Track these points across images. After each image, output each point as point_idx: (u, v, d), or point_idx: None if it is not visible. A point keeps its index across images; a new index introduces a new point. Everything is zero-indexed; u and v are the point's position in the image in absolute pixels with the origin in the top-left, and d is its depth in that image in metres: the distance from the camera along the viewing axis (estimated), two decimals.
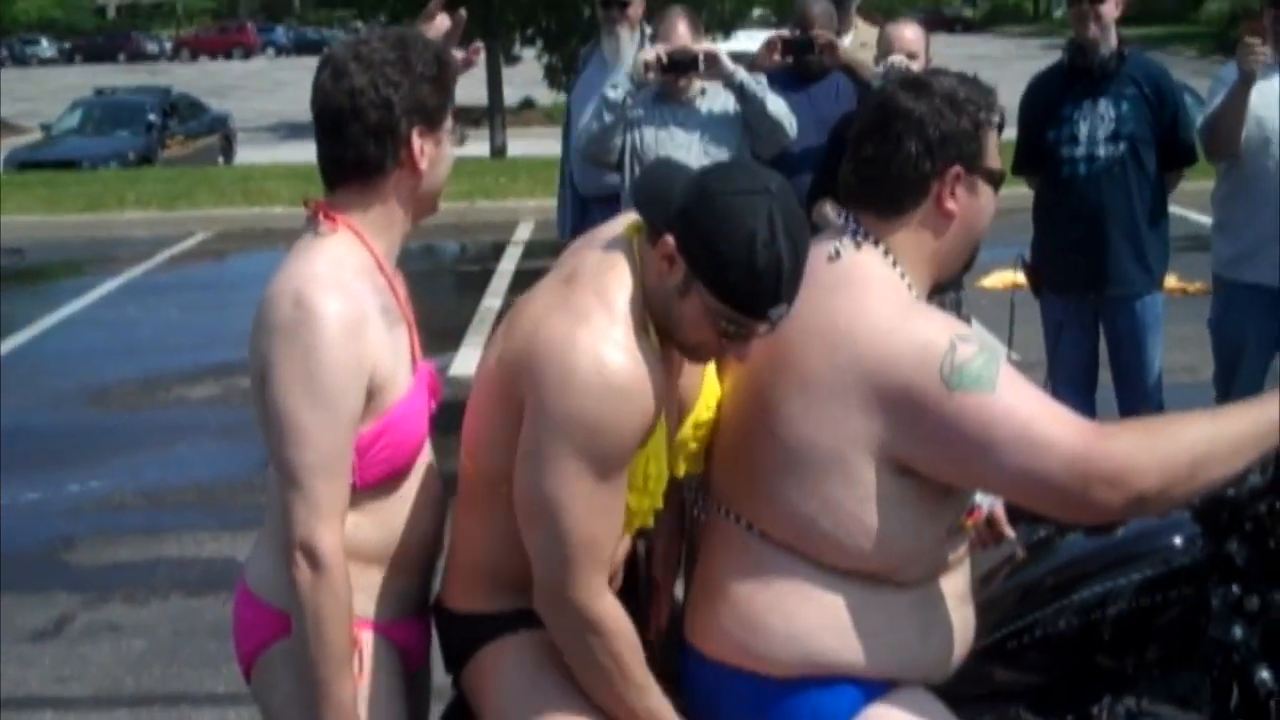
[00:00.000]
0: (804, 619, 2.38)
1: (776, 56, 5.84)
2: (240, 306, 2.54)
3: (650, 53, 5.57)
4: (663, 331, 2.37)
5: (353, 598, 2.48)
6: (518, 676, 2.49)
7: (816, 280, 2.38)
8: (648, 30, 6.30)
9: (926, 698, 2.45)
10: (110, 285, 12.51)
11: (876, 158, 2.41)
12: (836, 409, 2.30)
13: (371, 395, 2.51)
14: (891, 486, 2.33)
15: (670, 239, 2.30)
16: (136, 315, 11.29)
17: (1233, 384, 5.56)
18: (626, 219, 2.49)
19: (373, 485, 2.56)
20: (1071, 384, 5.74)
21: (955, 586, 2.49)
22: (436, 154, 2.60)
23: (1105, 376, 5.81)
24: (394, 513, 2.63)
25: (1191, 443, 2.25)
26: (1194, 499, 2.44)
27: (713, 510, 2.51)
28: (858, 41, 6.45)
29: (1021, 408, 2.25)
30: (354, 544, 2.51)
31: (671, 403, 2.46)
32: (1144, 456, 2.22)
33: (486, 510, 2.47)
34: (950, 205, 2.42)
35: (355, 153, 2.54)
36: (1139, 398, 5.61)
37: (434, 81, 2.57)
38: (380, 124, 2.52)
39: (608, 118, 5.69)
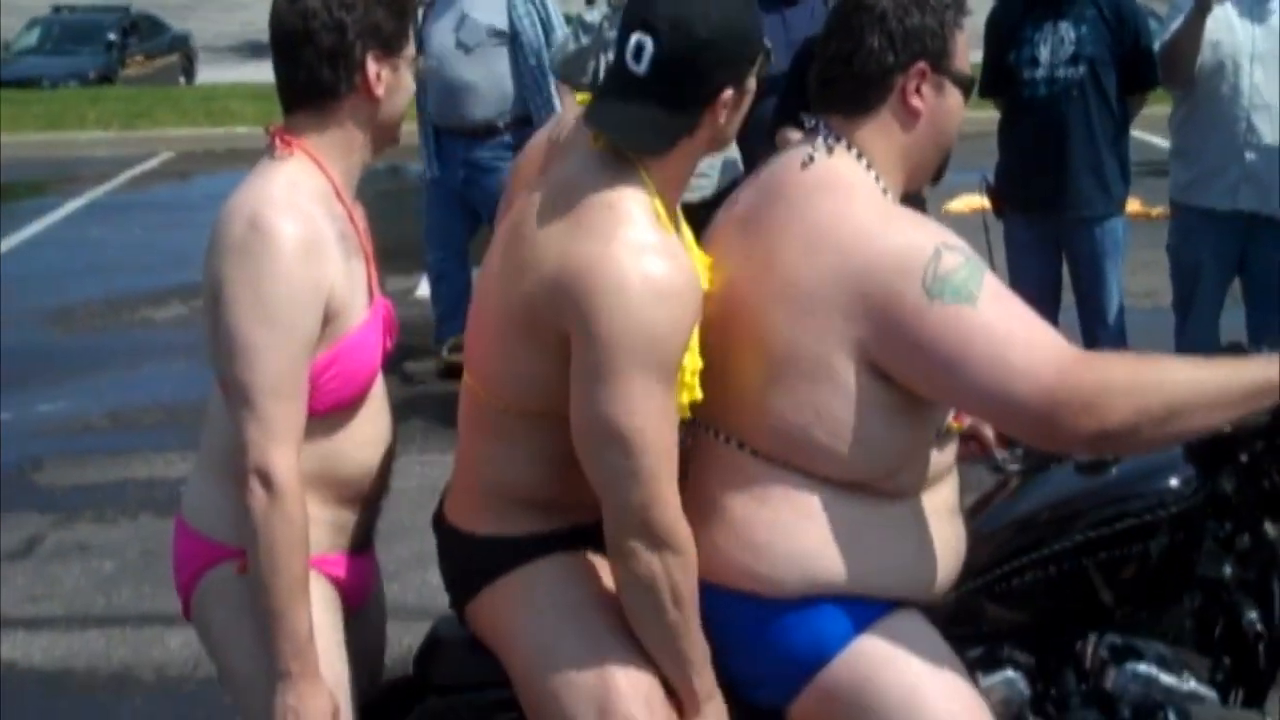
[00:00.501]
0: (802, 538, 2.36)
1: None
2: (204, 227, 2.53)
3: None
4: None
5: (306, 522, 2.44)
6: (552, 602, 2.43)
7: (792, 187, 2.38)
8: None
9: (923, 623, 2.44)
10: (73, 205, 12.44)
11: (839, 54, 2.39)
12: (819, 313, 2.28)
13: (326, 321, 2.47)
14: (877, 390, 2.30)
15: (727, 92, 2.29)
16: (100, 235, 11.23)
17: (1191, 309, 5.62)
18: (572, 122, 2.45)
19: (321, 414, 2.51)
20: (1034, 306, 5.76)
21: (945, 500, 2.49)
22: (394, 81, 2.57)
23: (1069, 299, 5.86)
24: (339, 444, 2.59)
25: (1171, 387, 2.20)
26: (1166, 444, 2.42)
27: (701, 433, 2.48)
28: None
29: (1000, 324, 2.22)
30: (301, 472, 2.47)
31: None
32: (1117, 391, 2.18)
33: (506, 434, 2.42)
34: (915, 102, 2.40)
35: (308, 76, 2.51)
36: (1100, 321, 5.66)
37: (390, 6, 2.53)
38: (333, 47, 2.49)
39: (584, 39, 5.68)
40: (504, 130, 6.61)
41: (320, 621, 2.53)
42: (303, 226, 2.44)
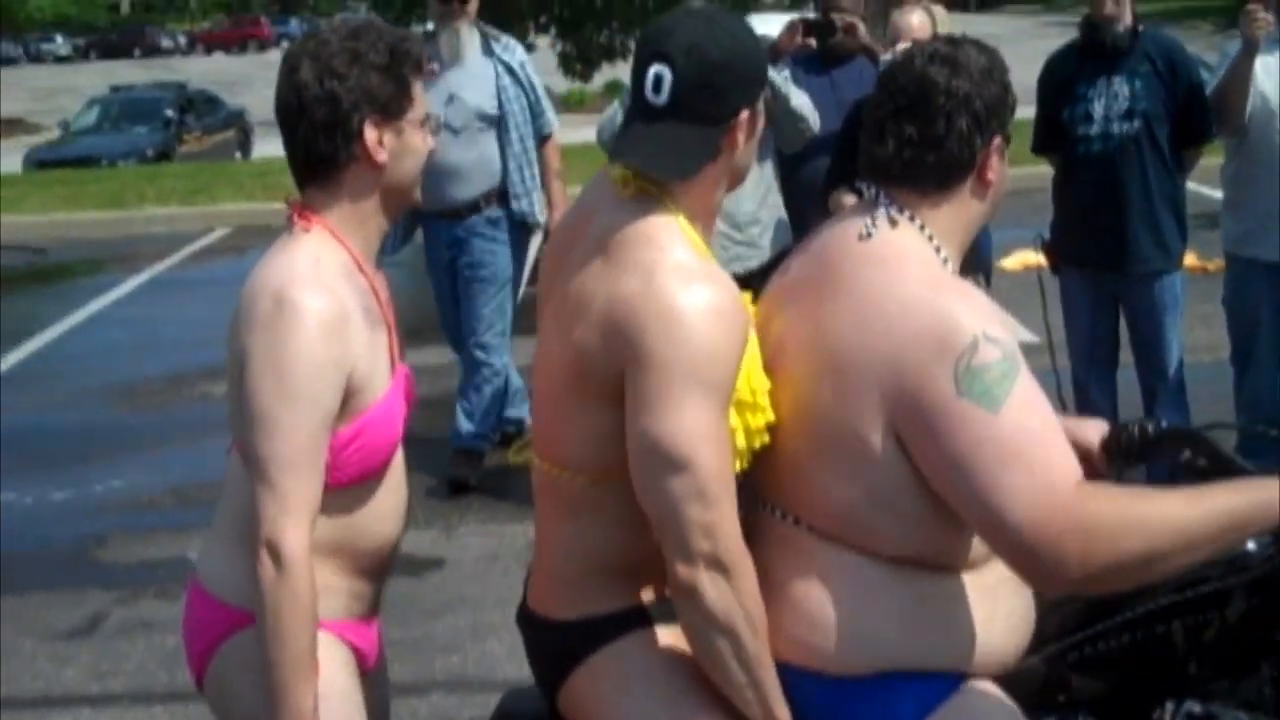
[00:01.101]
0: (866, 615, 2.33)
1: (799, 39, 5.87)
2: None
3: None
4: (710, 213, 2.44)
5: (315, 600, 2.44)
6: (642, 678, 2.41)
7: (846, 259, 2.37)
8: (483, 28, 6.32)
9: (996, 694, 2.40)
10: (133, 282, 12.57)
11: (926, 138, 2.36)
12: (863, 390, 2.26)
13: (349, 396, 2.49)
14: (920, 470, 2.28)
15: (744, 113, 2.35)
16: (160, 312, 11.34)
17: (1250, 361, 5.58)
18: (594, 190, 2.48)
19: (343, 487, 2.54)
20: (1091, 363, 5.76)
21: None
22: (399, 144, 2.57)
23: (1127, 355, 5.82)
24: (360, 515, 2.60)
25: (1157, 530, 2.16)
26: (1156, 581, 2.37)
27: (757, 507, 2.46)
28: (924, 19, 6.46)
29: (1014, 440, 2.18)
30: (315, 540, 2.48)
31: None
32: (1102, 537, 2.14)
33: (583, 504, 2.41)
34: (991, 175, 2.41)
35: (307, 149, 2.54)
36: (1159, 376, 5.62)
37: (385, 70, 2.53)
38: (328, 118, 2.51)
39: None
40: (486, 206, 6.53)
41: (342, 685, 2.57)
42: (328, 302, 2.47)
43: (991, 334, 2.23)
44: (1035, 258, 5.82)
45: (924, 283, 2.30)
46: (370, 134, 2.53)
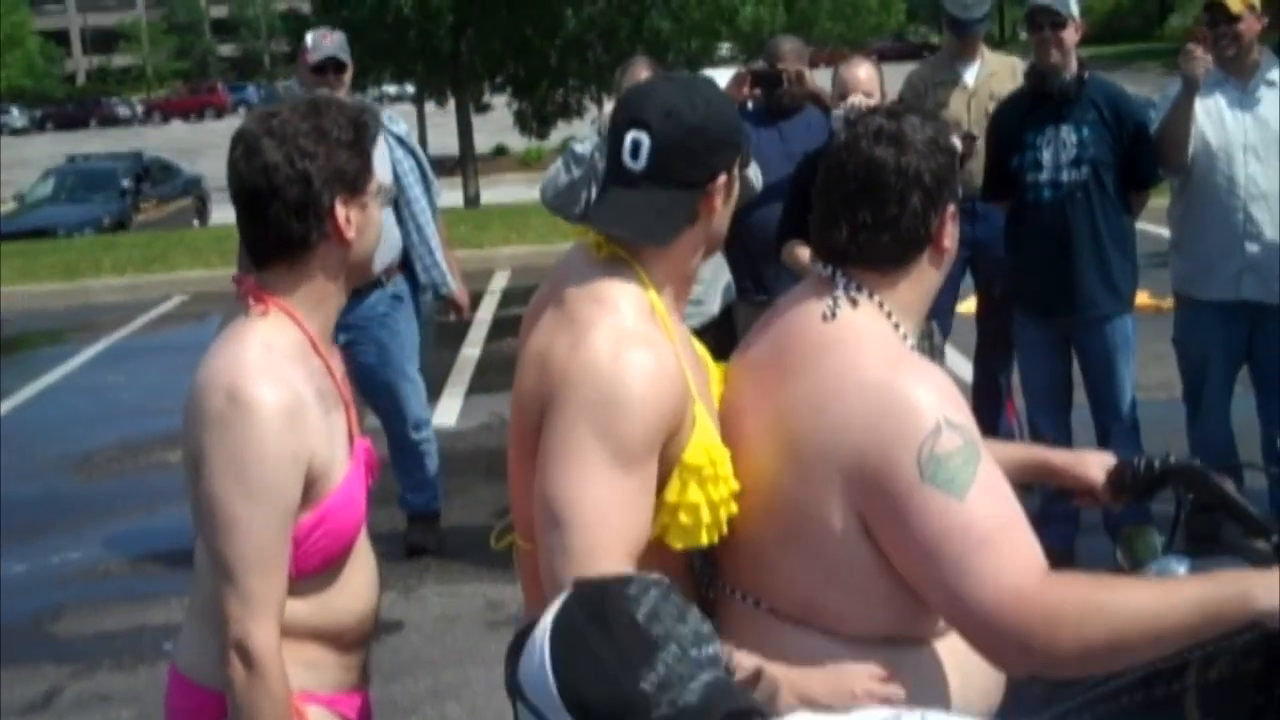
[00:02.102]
0: None
1: (745, 89, 5.91)
2: None
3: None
4: (686, 280, 2.41)
5: (289, 695, 2.41)
6: None
7: (808, 343, 2.34)
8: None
9: None
10: (90, 352, 12.50)
11: (880, 221, 2.33)
12: (824, 475, 2.23)
13: (309, 484, 2.44)
14: (882, 555, 2.25)
15: (721, 177, 2.35)
16: (117, 380, 11.26)
17: (1201, 399, 5.62)
18: (570, 256, 2.46)
19: (310, 574, 2.49)
20: (1046, 404, 5.80)
21: None
22: (363, 219, 2.52)
23: (1081, 395, 5.85)
24: (334, 597, 2.56)
25: (1122, 624, 2.12)
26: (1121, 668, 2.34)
27: (721, 589, 2.44)
28: (986, 71, 6.51)
29: (980, 527, 2.15)
30: (293, 624, 2.46)
31: (704, 392, 2.39)
32: (1068, 625, 2.11)
33: None
34: (948, 243, 2.40)
35: (278, 232, 2.46)
36: (1113, 416, 5.66)
37: (351, 146, 2.48)
38: (300, 200, 2.43)
39: (575, 171, 5.72)
40: (389, 281, 6.31)
41: None
42: (282, 394, 2.40)
43: (952, 419, 2.21)
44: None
45: (882, 365, 2.27)
46: (340, 211, 2.47)
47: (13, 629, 6.24)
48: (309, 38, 6.28)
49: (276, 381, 2.40)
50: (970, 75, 6.57)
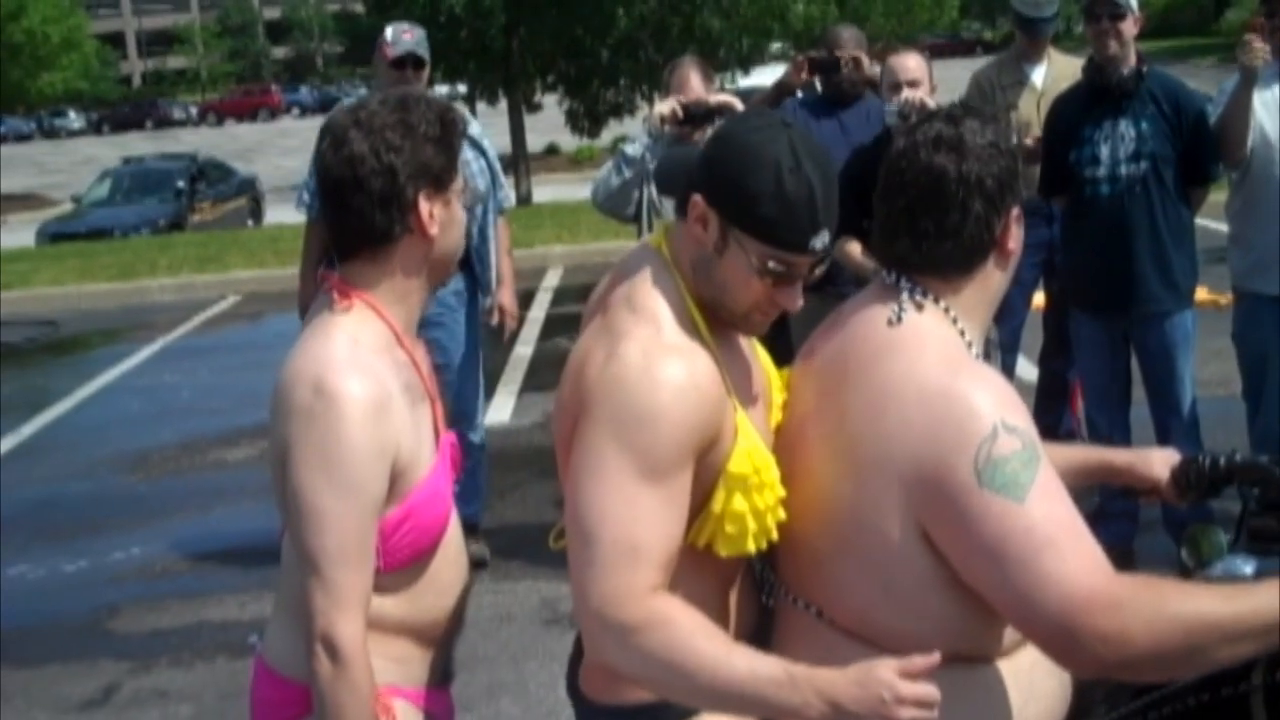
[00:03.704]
0: None
1: (803, 75, 5.91)
2: (274, 366, 2.52)
3: (666, 106, 5.59)
4: (716, 312, 2.31)
5: (374, 690, 2.41)
6: None
7: (869, 348, 2.31)
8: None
9: None
10: (146, 352, 12.59)
11: (944, 230, 2.30)
12: (883, 484, 2.21)
13: (395, 479, 2.43)
14: (942, 568, 2.21)
15: (698, 196, 2.26)
16: (173, 380, 11.35)
17: (1261, 395, 5.55)
18: (631, 256, 2.43)
19: (397, 569, 2.50)
20: (1104, 402, 5.74)
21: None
22: (447, 216, 2.52)
23: (1140, 393, 5.79)
24: (421, 590, 2.56)
25: (1195, 628, 2.09)
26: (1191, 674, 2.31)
27: (782, 597, 2.41)
28: (1054, 72, 6.45)
29: (1043, 528, 2.12)
30: (381, 619, 2.46)
31: (754, 399, 2.36)
32: (1142, 623, 2.08)
33: None
34: (1012, 245, 2.37)
35: (361, 223, 2.46)
36: (1172, 413, 5.59)
37: (438, 142, 2.48)
38: (385, 191, 2.44)
39: (626, 173, 5.73)
40: (450, 277, 6.37)
41: None
42: (368, 387, 2.40)
43: (1010, 422, 2.18)
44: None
45: (941, 370, 2.24)
46: (424, 206, 2.47)
47: (71, 626, 6.30)
48: (388, 31, 6.17)
49: (363, 375, 2.40)
50: (1038, 76, 6.51)
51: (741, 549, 2.29)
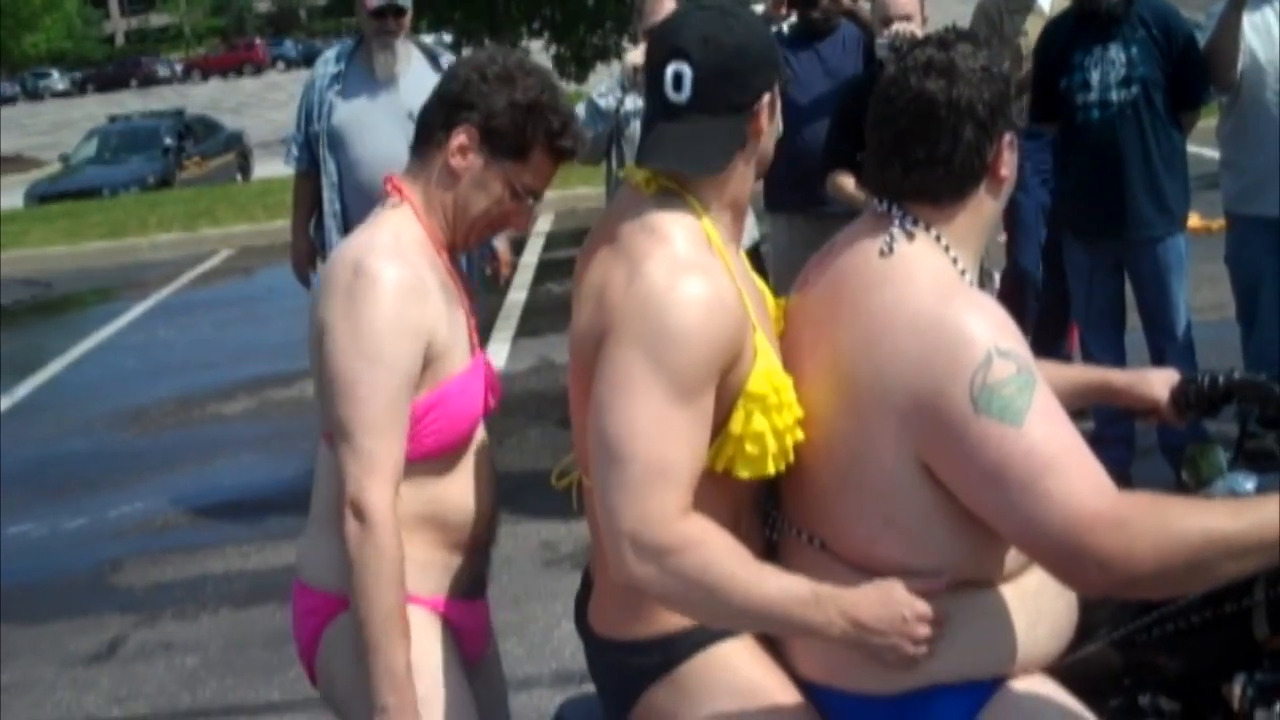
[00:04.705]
0: None
1: (782, 9, 5.97)
2: (268, 319, 2.57)
3: (637, 55, 5.56)
4: (740, 207, 2.39)
5: (402, 555, 2.46)
6: (717, 694, 2.33)
7: (862, 279, 2.29)
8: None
9: (1044, 686, 2.35)
10: (139, 309, 12.58)
11: (935, 157, 2.28)
12: (880, 417, 2.20)
13: (428, 362, 2.53)
14: (941, 498, 2.21)
15: (765, 96, 2.33)
16: (167, 336, 11.34)
17: (1255, 318, 5.55)
18: (619, 198, 2.44)
19: (424, 458, 2.55)
20: (1099, 327, 5.74)
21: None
22: (480, 175, 2.63)
23: (1135, 318, 5.79)
24: (445, 488, 2.62)
25: (1200, 544, 2.08)
26: (1196, 591, 2.32)
27: (785, 530, 2.41)
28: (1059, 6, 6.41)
29: (1043, 450, 2.11)
30: (404, 513, 2.49)
31: (764, 322, 2.36)
32: (1148, 541, 2.07)
33: None
34: (1005, 171, 2.34)
35: (424, 117, 2.66)
36: (1167, 338, 5.59)
37: (513, 106, 2.60)
38: (447, 98, 2.61)
39: (600, 125, 5.73)
40: None
41: (437, 661, 2.59)
42: (405, 271, 2.52)
43: (1004, 347, 2.16)
44: None
45: (934, 299, 2.22)
46: (459, 137, 2.60)
47: (74, 581, 6.33)
48: None
49: (400, 261, 2.53)
50: (1045, 1, 6.45)
51: (762, 470, 2.28)
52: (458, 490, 2.64)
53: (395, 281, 2.49)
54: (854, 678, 2.30)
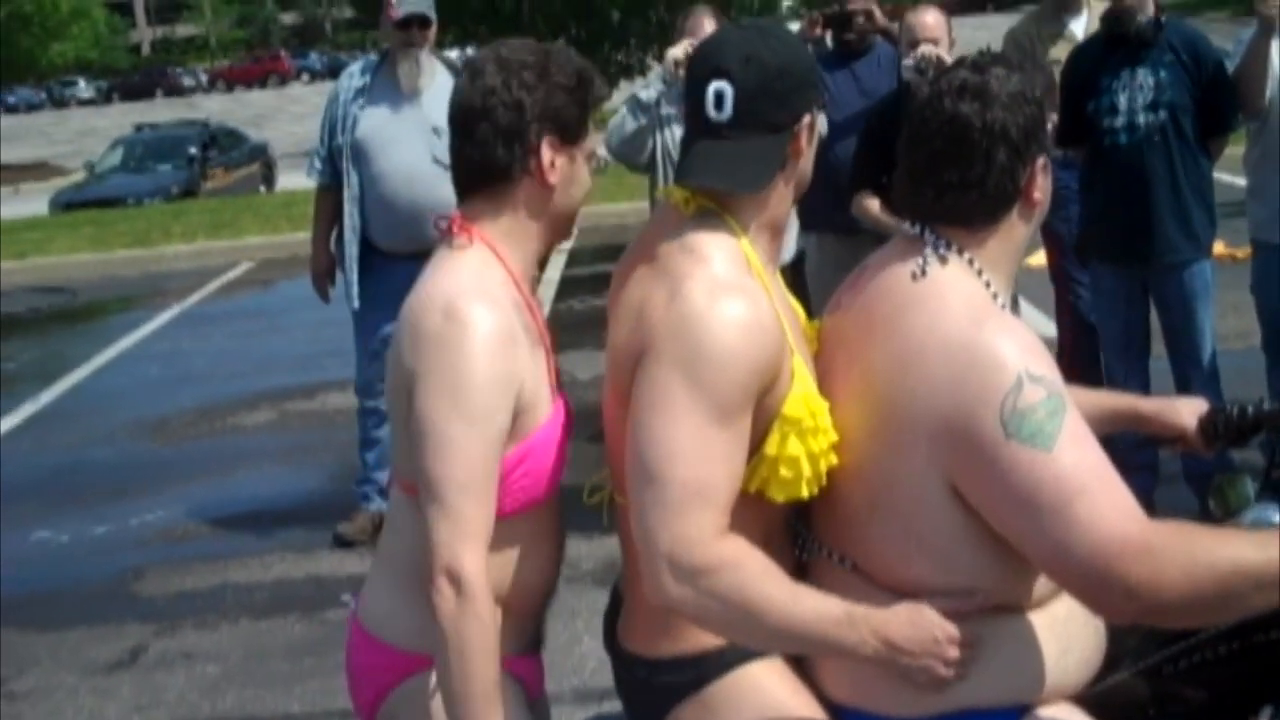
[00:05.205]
0: None
1: (816, 30, 6.06)
2: (291, 331, 2.54)
3: (680, 49, 5.58)
4: (778, 227, 2.40)
5: (498, 623, 2.35)
6: (758, 712, 2.33)
7: (894, 302, 2.30)
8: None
9: (1070, 713, 2.34)
10: (161, 318, 12.62)
11: (968, 181, 2.28)
12: (912, 441, 2.20)
13: (517, 415, 2.40)
14: (973, 522, 2.21)
15: (806, 117, 2.33)
16: (189, 346, 11.37)
17: None
18: (657, 216, 2.44)
19: (508, 517, 2.43)
20: (1123, 354, 5.73)
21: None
22: (571, 172, 2.51)
23: (1160, 346, 5.77)
24: (524, 554, 2.51)
25: (1228, 574, 2.07)
26: (1224, 622, 2.31)
27: (815, 550, 2.41)
28: (1094, 24, 6.39)
29: (1073, 477, 2.11)
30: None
31: (801, 346, 2.36)
32: (1173, 575, 2.06)
33: None
34: (1038, 195, 2.34)
35: (482, 154, 2.46)
36: (1192, 365, 5.57)
37: (571, 93, 2.48)
38: (510, 126, 2.44)
39: (641, 119, 5.71)
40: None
41: None
42: (497, 316, 2.39)
43: (1035, 372, 2.16)
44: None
45: (965, 322, 2.22)
46: (546, 153, 2.47)
47: (96, 589, 6.34)
48: None
49: (491, 303, 2.40)
50: (1079, 27, 6.43)
51: (795, 493, 2.29)
52: (531, 557, 2.53)
53: (489, 329, 2.36)
54: (882, 701, 2.30)
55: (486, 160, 2.47)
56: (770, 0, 26.39)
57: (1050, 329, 6.74)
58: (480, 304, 2.39)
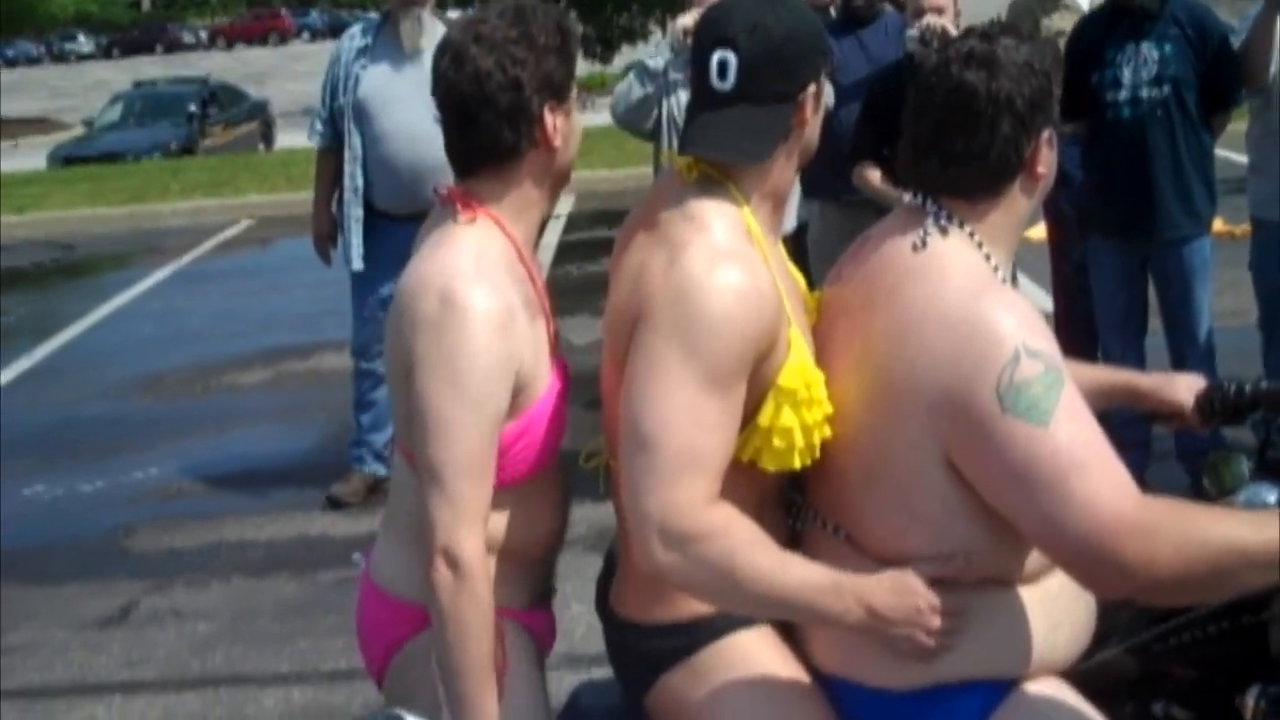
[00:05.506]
0: None
1: None
2: (288, 290, 2.53)
3: (689, 18, 5.56)
4: (781, 197, 2.39)
5: (493, 604, 2.39)
6: (734, 683, 2.34)
7: (894, 273, 2.29)
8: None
9: (1058, 688, 2.34)
10: (158, 275, 12.60)
11: (971, 150, 2.26)
12: (912, 410, 2.19)
13: (516, 392, 2.43)
14: (967, 496, 2.20)
15: (811, 87, 2.31)
16: (186, 304, 11.35)
17: (1276, 325, 5.52)
18: (660, 182, 2.43)
19: (513, 485, 2.48)
20: (1121, 330, 5.72)
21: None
22: (568, 127, 2.52)
23: (1156, 322, 5.77)
24: (530, 509, 2.55)
25: (1222, 553, 2.07)
26: (1217, 598, 2.32)
27: (810, 520, 2.41)
28: None
29: (1069, 452, 2.10)
30: (492, 539, 2.45)
31: (799, 316, 2.35)
32: (1167, 552, 2.06)
33: None
34: (1042, 169, 2.32)
35: (490, 139, 2.46)
36: (1188, 342, 5.57)
37: (559, 52, 2.48)
38: (512, 106, 2.44)
39: (648, 86, 5.70)
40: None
41: (525, 672, 2.55)
42: (494, 299, 2.40)
43: (1032, 346, 2.15)
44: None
45: (965, 295, 2.21)
46: (548, 119, 2.48)
47: (88, 546, 6.35)
48: None
49: (489, 286, 2.41)
50: None
51: (788, 464, 2.29)
52: (541, 510, 2.58)
53: (486, 313, 2.37)
54: (870, 671, 2.31)
55: (494, 144, 2.47)
56: None
57: (1048, 303, 6.72)
58: (477, 287, 2.39)
